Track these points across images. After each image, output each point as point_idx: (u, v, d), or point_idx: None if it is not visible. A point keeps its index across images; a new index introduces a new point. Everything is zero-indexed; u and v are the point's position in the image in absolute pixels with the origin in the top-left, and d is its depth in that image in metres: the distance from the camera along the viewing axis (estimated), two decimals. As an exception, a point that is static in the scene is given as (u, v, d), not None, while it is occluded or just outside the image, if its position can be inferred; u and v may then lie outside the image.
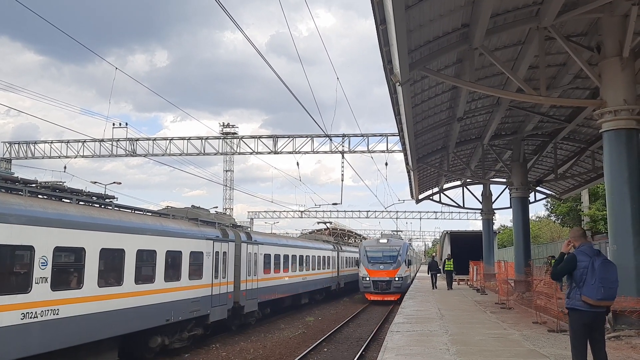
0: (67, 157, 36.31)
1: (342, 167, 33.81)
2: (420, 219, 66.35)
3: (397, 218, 62.58)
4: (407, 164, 22.13)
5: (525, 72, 14.75)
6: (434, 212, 65.44)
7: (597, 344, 6.37)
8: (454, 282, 33.96)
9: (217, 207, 34.02)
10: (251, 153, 35.06)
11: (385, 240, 31.88)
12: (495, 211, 34.15)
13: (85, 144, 35.96)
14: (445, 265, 29.88)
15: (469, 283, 33.30)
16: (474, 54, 13.18)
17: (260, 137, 35.10)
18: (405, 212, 65.87)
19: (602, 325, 6.48)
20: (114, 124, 35.15)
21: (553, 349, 9.98)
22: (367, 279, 29.72)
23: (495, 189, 32.66)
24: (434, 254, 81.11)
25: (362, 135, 33.28)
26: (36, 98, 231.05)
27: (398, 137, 23.42)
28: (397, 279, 29.24)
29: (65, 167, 35.08)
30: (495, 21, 12.23)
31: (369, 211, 66.13)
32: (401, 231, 53.18)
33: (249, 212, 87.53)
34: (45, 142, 37.65)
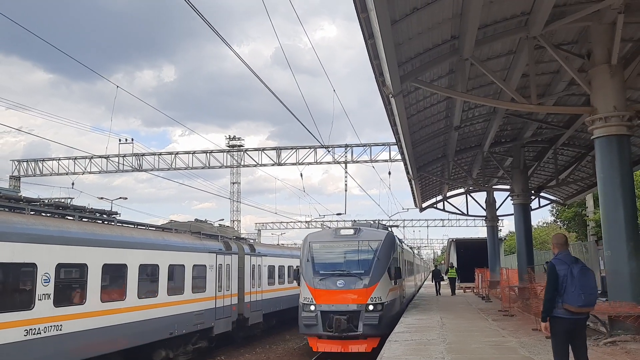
0: (74, 173, 36.77)
1: (346, 177, 33.87)
2: (427, 227, 66.22)
3: (403, 227, 62.48)
4: (407, 173, 22.27)
5: (519, 80, 14.90)
6: (441, 219, 65.10)
7: (579, 350, 6.49)
8: (460, 290, 34.18)
9: (223, 219, 34.24)
10: (255, 165, 35.35)
11: (350, 232, 17.23)
12: (500, 218, 34.18)
13: (92, 160, 36.41)
14: (448, 273, 30.35)
15: (474, 291, 33.22)
16: (466, 65, 13.38)
17: (264, 149, 35.41)
18: (412, 220, 65.75)
19: (583, 332, 6.60)
20: (120, 140, 35.67)
21: (548, 355, 9.99)
22: (312, 308, 15.29)
23: (499, 196, 32.47)
24: (442, 261, 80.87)
25: (364, 145, 33.48)
26: (47, 117, 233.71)
27: (399, 146, 23.61)
28: (371, 307, 15.04)
29: (73, 184, 35.50)
30: (485, 32, 12.43)
31: (375, 220, 66.09)
32: (396, 226, 33.36)
33: (256, 223, 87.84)
34: (52, 159, 38.15)
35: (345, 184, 31.41)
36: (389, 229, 21.42)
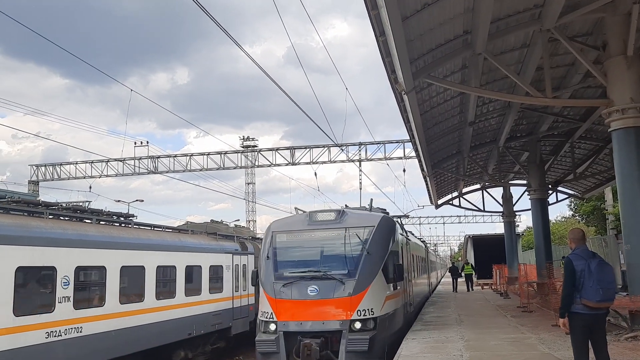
0: (92, 177, 37.25)
1: (360, 175, 33.83)
2: (444, 223, 65.94)
3: (419, 224, 62.21)
4: (422, 170, 22.16)
5: (533, 74, 14.73)
6: (457, 216, 64.77)
7: (598, 345, 6.41)
8: (478, 287, 34.04)
9: (238, 219, 34.44)
10: (269, 165, 35.46)
11: (330, 216, 12.44)
12: (517, 213, 33.85)
13: (108, 163, 36.82)
14: (464, 270, 30.30)
15: (492, 287, 32.98)
16: (479, 59, 13.26)
17: (277, 149, 35.51)
18: (428, 217, 65.48)
19: (603, 327, 6.51)
20: (135, 143, 36.03)
21: (568, 351, 9.86)
22: (272, 327, 10.91)
23: (515, 191, 32.12)
24: (459, 258, 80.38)
25: (378, 143, 33.39)
26: (64, 121, 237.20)
27: (413, 143, 23.49)
28: (357, 325, 10.62)
29: (90, 187, 35.93)
30: (498, 26, 12.30)
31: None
32: (406, 216, 24.97)
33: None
34: (70, 163, 38.66)
35: (360, 182, 31.45)
36: (388, 213, 14.74)
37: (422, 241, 29.05)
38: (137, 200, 36.70)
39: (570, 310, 6.37)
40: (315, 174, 54.27)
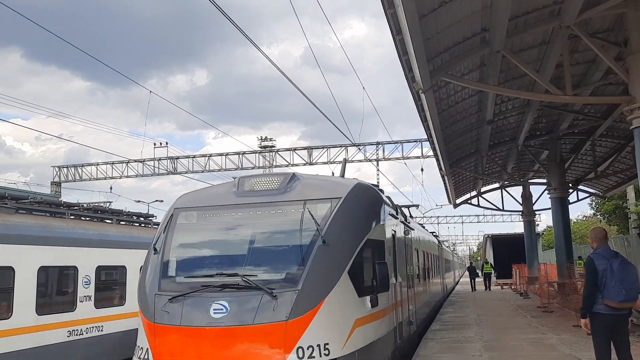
0: (112, 177, 37.74)
1: (377, 175, 33.73)
2: (462, 223, 65.35)
3: (437, 223, 61.83)
4: (440, 169, 22.02)
5: (553, 71, 14.53)
6: (476, 215, 64.13)
7: (621, 346, 6.31)
8: (497, 287, 33.79)
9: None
10: (287, 165, 35.54)
11: (272, 183, 7.66)
12: (537, 212, 33.48)
13: (129, 164, 37.25)
14: (484, 269, 30.30)
15: (512, 287, 32.66)
16: (497, 57, 13.12)
17: (295, 149, 35.61)
18: (446, 217, 65.06)
19: (625, 328, 6.40)
20: (154, 144, 36.43)
21: (590, 352, 9.74)
22: None
23: (535, 190, 31.78)
24: (478, 258, 79.72)
25: (395, 142, 33.28)
26: (86, 123, 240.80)
27: (431, 142, 23.36)
28: None
29: (111, 188, 36.52)
30: (516, 23, 12.16)
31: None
32: (415, 205, 21.57)
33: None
34: (91, 164, 39.20)
35: (378, 182, 31.28)
36: (381, 189, 9.65)
37: (434, 236, 24.57)
38: (156, 201, 37.22)
39: (592, 310, 6.28)
40: (333, 174, 54.00)
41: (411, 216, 16.20)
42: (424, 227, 21.00)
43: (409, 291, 11.05)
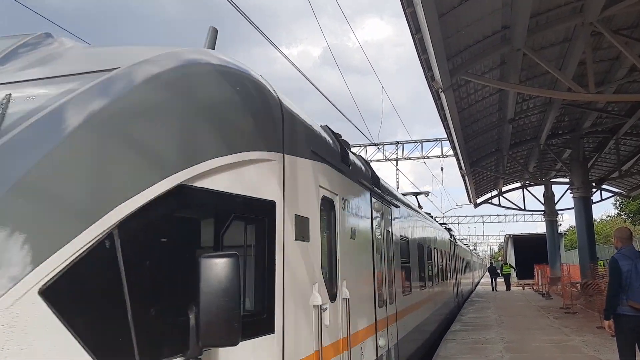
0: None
1: (397, 174, 33.59)
2: (483, 223, 64.52)
3: (458, 223, 61.26)
4: (460, 168, 21.84)
5: (575, 69, 14.31)
6: (497, 215, 63.27)
7: (646, 348, 6.18)
8: (518, 287, 33.46)
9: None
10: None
11: None
12: (559, 212, 33.01)
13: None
14: (503, 270, 30.22)
15: (534, 288, 32.28)
16: (518, 55, 12.97)
17: (314, 149, 35.61)
18: (466, 216, 64.35)
19: (650, 330, 6.27)
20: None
21: (615, 355, 9.58)
22: None
23: (557, 189, 31.25)
24: (499, 258, 78.99)
25: (415, 142, 33.09)
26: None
27: (451, 141, 23.19)
28: None
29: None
30: (537, 20, 12.00)
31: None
32: (425, 193, 18.93)
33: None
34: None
35: (397, 182, 31.14)
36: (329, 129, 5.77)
37: (449, 233, 21.66)
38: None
39: (616, 312, 6.16)
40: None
41: (420, 207, 13.91)
42: (432, 217, 16.85)
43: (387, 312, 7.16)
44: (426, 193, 17.79)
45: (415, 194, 13.69)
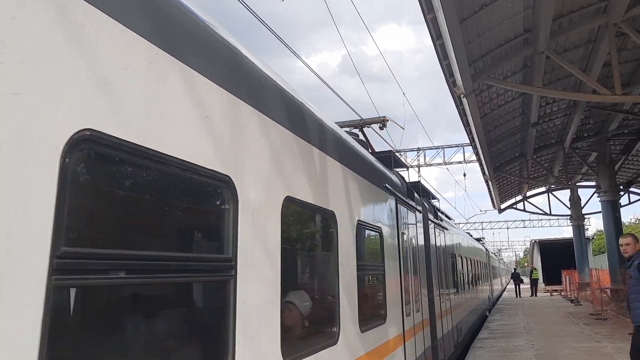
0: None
1: (419, 181, 33.36)
2: (508, 228, 63.65)
3: (482, 229, 60.51)
4: (484, 174, 21.62)
5: (600, 70, 14.10)
6: (522, 220, 62.36)
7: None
8: (546, 293, 32.92)
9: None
10: (327, 173, 35.59)
11: None
12: (586, 216, 32.40)
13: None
14: (533, 275, 30.02)
15: (562, 293, 31.68)
16: (541, 58, 12.83)
17: (335, 157, 35.62)
18: (490, 222, 63.54)
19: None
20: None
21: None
22: None
23: (584, 193, 30.78)
24: (525, 264, 77.80)
25: (437, 148, 32.89)
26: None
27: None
28: None
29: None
30: (560, 22, 11.88)
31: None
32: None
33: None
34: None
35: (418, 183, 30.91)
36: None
37: (476, 239, 21.99)
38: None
39: (638, 323, 6.00)
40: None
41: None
42: (444, 215, 14.84)
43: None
44: (435, 197, 15.85)
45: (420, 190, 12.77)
